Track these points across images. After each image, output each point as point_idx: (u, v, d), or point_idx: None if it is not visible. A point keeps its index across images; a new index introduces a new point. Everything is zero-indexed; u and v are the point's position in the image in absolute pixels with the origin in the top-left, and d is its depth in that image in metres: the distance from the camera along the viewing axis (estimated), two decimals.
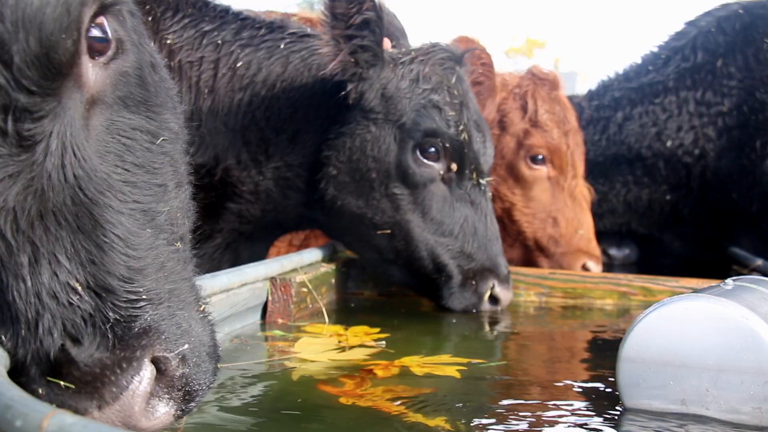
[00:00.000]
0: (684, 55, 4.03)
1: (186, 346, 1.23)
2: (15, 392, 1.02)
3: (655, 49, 4.25)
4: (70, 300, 1.14)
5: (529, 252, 3.59)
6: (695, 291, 1.74)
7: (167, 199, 1.36)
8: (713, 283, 1.79)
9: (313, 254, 2.86)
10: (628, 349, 1.60)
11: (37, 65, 1.09)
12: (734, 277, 1.77)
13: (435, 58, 2.79)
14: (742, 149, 3.81)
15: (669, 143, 3.96)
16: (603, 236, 4.11)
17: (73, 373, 1.13)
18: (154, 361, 1.19)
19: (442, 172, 2.74)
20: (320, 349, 2.12)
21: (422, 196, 2.72)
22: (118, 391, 1.13)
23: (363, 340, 2.25)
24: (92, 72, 1.22)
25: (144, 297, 1.21)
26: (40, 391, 1.13)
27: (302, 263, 2.71)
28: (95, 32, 1.21)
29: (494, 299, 2.79)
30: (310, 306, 2.58)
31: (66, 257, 1.15)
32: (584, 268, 3.52)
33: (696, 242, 4.12)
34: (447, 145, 2.71)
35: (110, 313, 1.15)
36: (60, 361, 1.13)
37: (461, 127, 2.75)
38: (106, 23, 1.24)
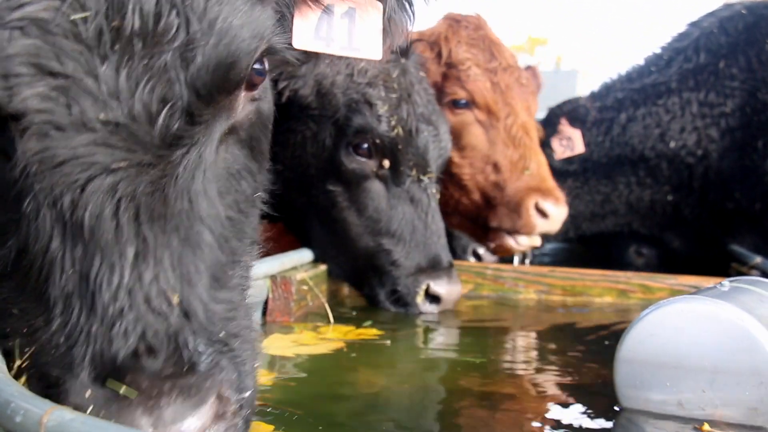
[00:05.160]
0: (687, 56, 4.03)
1: (248, 393, 1.17)
2: (15, 388, 1.03)
3: (658, 50, 4.25)
4: (161, 310, 1.08)
5: (477, 208, 3.39)
6: (694, 291, 1.74)
7: (246, 251, 1.36)
8: (712, 280, 1.79)
9: (313, 252, 2.86)
10: (626, 351, 1.61)
11: (215, 72, 1.11)
12: (732, 278, 1.78)
13: None
14: (744, 150, 3.81)
15: (672, 144, 3.95)
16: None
17: (138, 382, 1.03)
18: (217, 398, 1.11)
19: (375, 169, 2.70)
20: (288, 344, 2.13)
21: (357, 194, 2.68)
22: (181, 415, 1.04)
23: (356, 337, 2.26)
24: (242, 102, 1.26)
25: (224, 333, 1.17)
26: (87, 393, 1.03)
27: (302, 261, 2.73)
28: (257, 65, 1.25)
29: (434, 298, 2.70)
30: (311, 303, 2.59)
31: (171, 266, 1.11)
32: (538, 209, 3.30)
33: (696, 241, 4.12)
34: (377, 141, 2.66)
35: (191, 338, 1.10)
36: (126, 366, 1.04)
37: (393, 123, 2.68)
38: (266, 62, 1.30)
